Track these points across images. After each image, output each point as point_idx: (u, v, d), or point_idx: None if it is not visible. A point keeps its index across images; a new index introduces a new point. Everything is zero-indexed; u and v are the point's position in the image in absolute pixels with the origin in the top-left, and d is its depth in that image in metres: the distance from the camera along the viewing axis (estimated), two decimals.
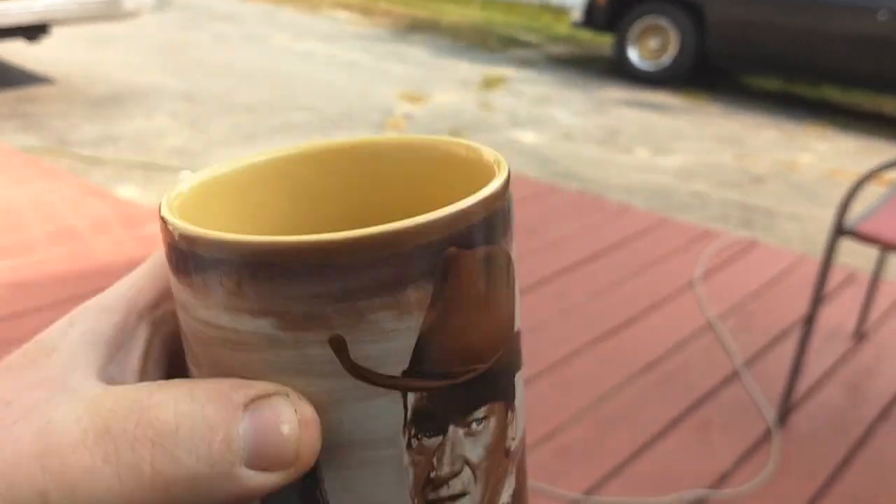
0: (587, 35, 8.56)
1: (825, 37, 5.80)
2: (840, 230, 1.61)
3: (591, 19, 6.83)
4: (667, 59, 6.53)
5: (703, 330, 2.04)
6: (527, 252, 2.41)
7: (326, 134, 4.40)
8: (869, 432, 1.73)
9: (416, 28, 8.54)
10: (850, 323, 2.11)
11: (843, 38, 5.73)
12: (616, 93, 6.27)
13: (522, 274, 2.28)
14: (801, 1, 5.86)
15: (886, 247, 1.58)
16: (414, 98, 5.43)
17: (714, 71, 6.79)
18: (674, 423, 1.70)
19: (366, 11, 9.30)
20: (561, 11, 11.04)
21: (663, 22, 6.47)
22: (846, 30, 5.71)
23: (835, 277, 2.41)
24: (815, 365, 1.90)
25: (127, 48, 6.01)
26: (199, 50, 6.23)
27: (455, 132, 4.69)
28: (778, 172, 4.50)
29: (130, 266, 0.27)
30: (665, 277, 2.30)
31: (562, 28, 9.54)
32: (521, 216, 2.62)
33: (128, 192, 3.19)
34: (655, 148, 4.76)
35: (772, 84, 7.32)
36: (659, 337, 1.99)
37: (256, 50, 6.48)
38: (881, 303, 2.25)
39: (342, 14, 8.96)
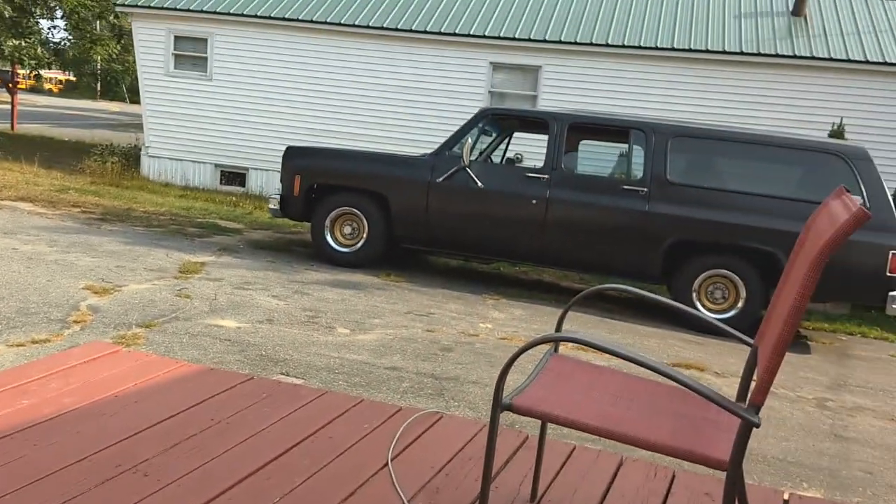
0: (289, 221, 8.86)
1: (493, 221, 6.62)
2: (499, 406, 1.78)
3: (287, 210, 7.13)
4: (360, 243, 6.96)
5: None
6: (222, 451, 2.32)
7: None
8: None
9: (109, 218, 8.22)
10: (527, 487, 2.30)
11: (508, 222, 6.59)
12: (317, 275, 6.49)
13: (217, 476, 2.18)
14: (469, 192, 6.68)
15: (540, 418, 1.78)
16: (102, 290, 5.14)
17: (405, 251, 7.36)
18: None
19: (51, 203, 8.77)
20: (261, 199, 11.35)
21: (355, 210, 6.95)
22: (510, 214, 6.58)
23: (510, 442, 2.62)
24: None
25: None
26: None
27: (146, 324, 4.48)
28: (463, 342, 4.89)
29: None
30: (361, 461, 2.34)
31: (263, 215, 9.78)
32: (216, 413, 2.52)
33: None
34: (355, 326, 4.95)
35: (455, 261, 8.09)
36: None
37: None
38: (552, 463, 2.49)
39: (25, 206, 8.36)
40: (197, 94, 12.55)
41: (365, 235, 6.94)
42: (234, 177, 12.71)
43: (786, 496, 2.43)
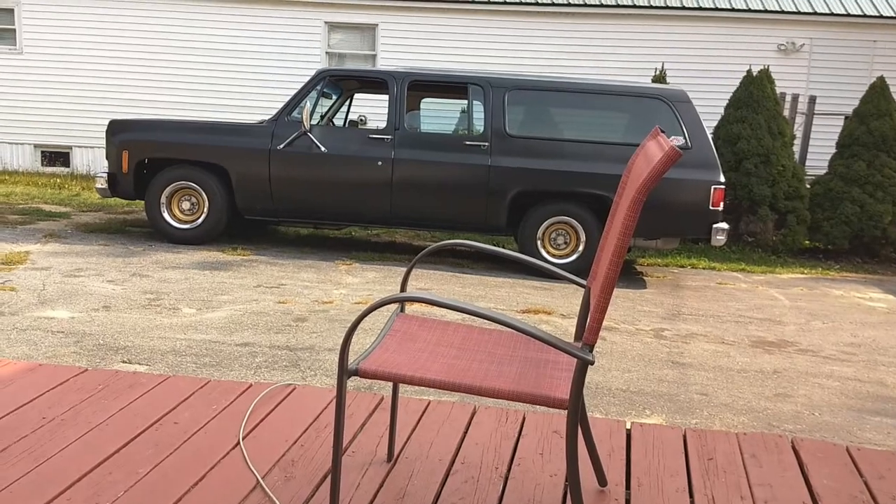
0: (121, 201, 8.34)
1: (340, 185, 6.52)
2: (345, 372, 1.76)
3: (117, 188, 6.70)
4: (201, 218, 6.66)
5: (254, 491, 2.03)
6: (56, 451, 2.17)
7: None
8: None
9: None
10: (383, 447, 2.30)
11: (354, 185, 6.51)
12: (156, 256, 6.16)
13: (52, 478, 2.01)
14: (312, 157, 6.53)
15: (387, 379, 1.77)
16: None
17: (250, 223, 7.12)
18: None
19: None
20: (89, 179, 10.61)
21: (192, 185, 6.62)
22: (356, 178, 6.50)
23: (366, 405, 2.62)
24: (359, 498, 2.02)
25: None
26: None
27: None
28: (317, 310, 4.82)
29: None
30: (210, 443, 2.26)
31: (92, 196, 9.15)
32: (48, 410, 2.34)
33: None
34: (201, 305, 4.75)
35: (305, 229, 7.93)
36: None
37: None
38: (407, 421, 2.51)
39: None
40: (7, 69, 11.50)
41: (205, 210, 6.65)
42: (56, 157, 11.79)
43: (628, 425, 2.57)
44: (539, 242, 6.48)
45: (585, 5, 11.12)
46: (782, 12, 11.08)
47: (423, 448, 2.32)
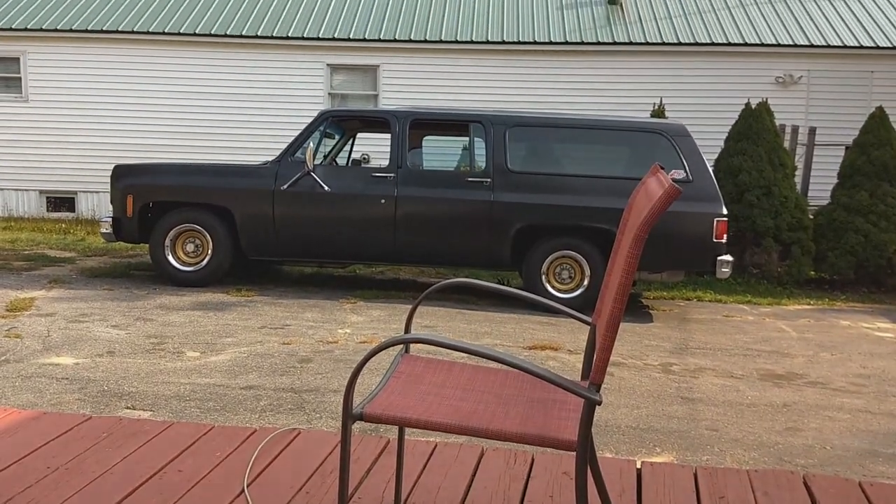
0: (126, 245, 8.36)
1: (344, 224, 6.54)
2: (349, 417, 1.74)
3: (121, 233, 6.72)
4: (205, 260, 6.68)
5: None
6: (60, 502, 2.14)
7: None
8: None
9: None
10: (390, 492, 2.27)
11: (358, 223, 6.53)
12: (160, 299, 6.16)
13: None
14: (316, 196, 6.56)
15: (393, 423, 1.75)
16: None
17: (254, 263, 7.12)
18: None
19: None
20: (94, 224, 10.67)
21: (196, 227, 6.65)
22: (359, 216, 6.53)
23: (372, 449, 2.59)
24: None
25: None
26: None
27: None
28: (322, 350, 4.79)
29: None
30: (215, 491, 2.23)
31: (97, 240, 9.19)
32: (52, 460, 2.31)
33: None
34: (205, 348, 4.74)
35: (309, 268, 7.93)
36: None
37: None
38: (414, 464, 2.48)
39: None
40: (13, 117, 11.64)
41: (209, 252, 6.66)
42: (61, 202, 11.88)
43: (638, 465, 2.54)
44: (543, 277, 6.47)
45: (583, 43, 11.26)
46: (779, 45, 11.19)
47: (430, 492, 2.28)
